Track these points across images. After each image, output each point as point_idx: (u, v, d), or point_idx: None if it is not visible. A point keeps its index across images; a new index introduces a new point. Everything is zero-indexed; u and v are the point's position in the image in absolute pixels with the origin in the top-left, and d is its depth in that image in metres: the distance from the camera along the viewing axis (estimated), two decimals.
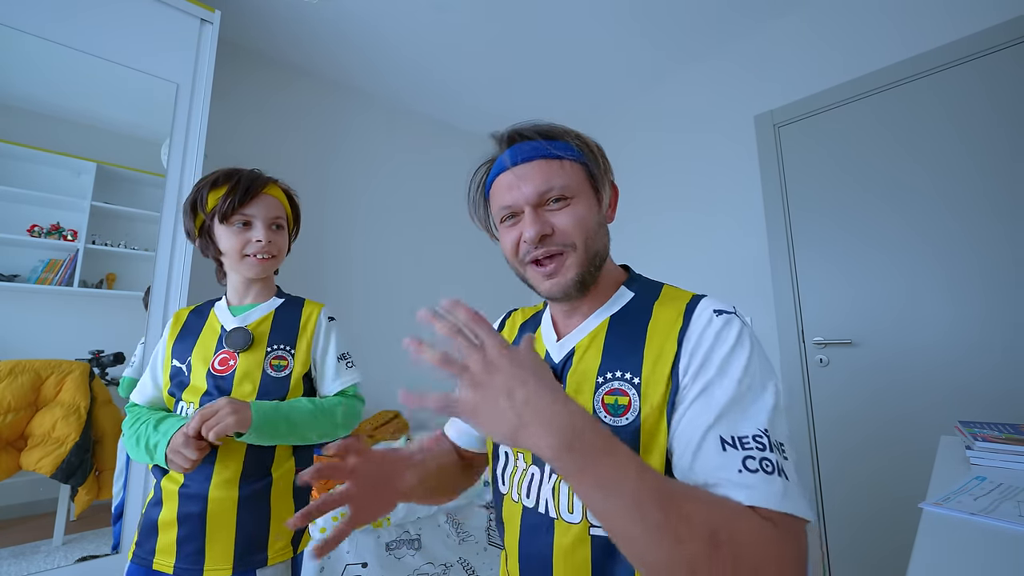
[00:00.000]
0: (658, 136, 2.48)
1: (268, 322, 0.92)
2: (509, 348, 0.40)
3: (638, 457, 0.38)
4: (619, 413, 0.51)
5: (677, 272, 2.30)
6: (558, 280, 0.56)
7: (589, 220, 0.56)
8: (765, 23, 2.06)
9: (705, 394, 0.47)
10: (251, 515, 0.82)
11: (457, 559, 1.69)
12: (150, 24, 1.54)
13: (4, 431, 1.25)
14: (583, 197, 0.57)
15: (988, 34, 1.50)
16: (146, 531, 0.82)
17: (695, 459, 0.44)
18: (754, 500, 0.39)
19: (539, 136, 0.58)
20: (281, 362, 0.89)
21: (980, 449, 0.83)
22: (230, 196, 0.86)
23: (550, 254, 0.56)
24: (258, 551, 0.82)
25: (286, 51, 2.26)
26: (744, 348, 0.48)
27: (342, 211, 2.45)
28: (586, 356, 0.57)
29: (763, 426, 0.44)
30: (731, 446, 0.43)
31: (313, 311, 0.98)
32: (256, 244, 0.88)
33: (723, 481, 0.41)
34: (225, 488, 0.81)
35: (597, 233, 0.57)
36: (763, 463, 0.41)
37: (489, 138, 0.63)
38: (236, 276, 0.93)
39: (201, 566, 0.79)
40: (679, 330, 0.52)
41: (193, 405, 0.84)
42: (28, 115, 1.41)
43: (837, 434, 1.75)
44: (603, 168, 0.60)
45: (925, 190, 1.61)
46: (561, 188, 0.55)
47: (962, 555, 0.51)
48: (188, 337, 0.90)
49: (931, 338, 1.56)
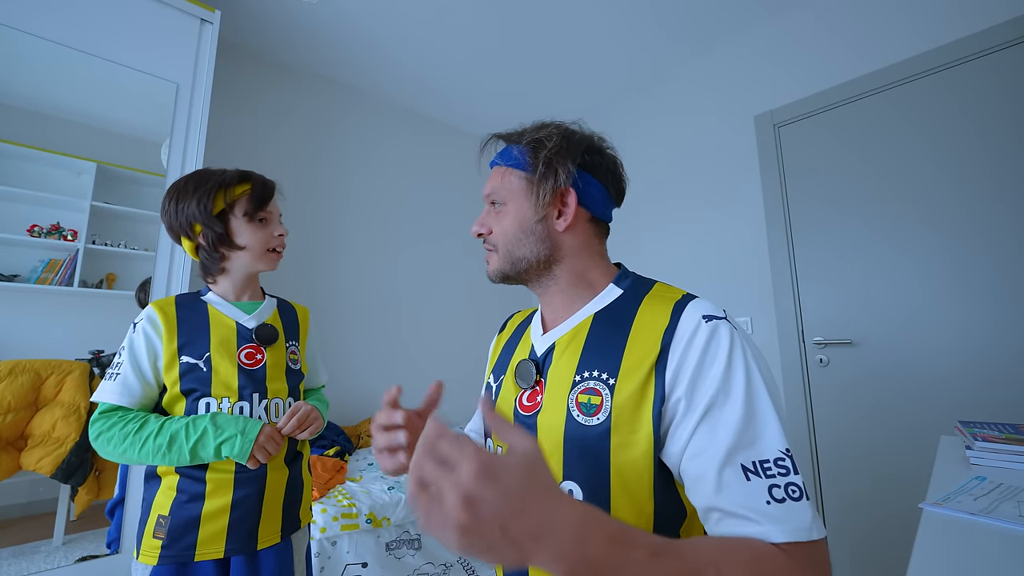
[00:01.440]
0: (658, 136, 2.48)
1: (278, 319, 0.98)
2: (489, 470, 0.32)
3: (655, 539, 0.37)
4: (591, 413, 0.51)
5: (677, 272, 2.30)
6: (488, 269, 0.65)
7: (510, 229, 0.61)
8: (765, 23, 2.06)
9: (711, 417, 0.46)
10: (294, 488, 0.93)
11: (457, 559, 1.69)
12: (150, 24, 1.54)
13: (4, 431, 1.25)
14: (514, 205, 0.61)
15: (989, 33, 1.50)
16: (179, 530, 0.81)
17: (719, 489, 0.44)
18: (786, 535, 0.40)
19: (504, 141, 0.64)
20: (295, 356, 0.98)
21: (980, 449, 0.83)
22: (258, 194, 0.91)
23: (487, 248, 0.65)
24: (295, 518, 0.93)
25: (286, 51, 2.26)
26: (740, 359, 0.48)
27: (339, 210, 2.45)
28: (566, 353, 0.58)
29: (783, 446, 0.44)
30: (754, 474, 0.43)
31: (304, 312, 1.07)
32: (278, 239, 0.95)
33: (752, 514, 0.41)
34: (278, 468, 0.90)
35: (521, 240, 0.60)
36: (789, 489, 0.42)
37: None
38: (241, 272, 0.93)
39: (255, 542, 0.85)
40: (664, 330, 0.51)
41: (228, 399, 0.85)
42: (28, 115, 1.41)
43: (837, 434, 1.75)
44: (551, 177, 0.59)
45: (925, 190, 1.61)
46: (497, 195, 0.62)
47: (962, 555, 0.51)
48: (194, 333, 0.88)
49: (931, 338, 1.56)
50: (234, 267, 0.93)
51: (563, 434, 0.53)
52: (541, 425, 0.56)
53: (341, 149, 2.50)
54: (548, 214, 0.60)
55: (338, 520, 1.50)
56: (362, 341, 2.42)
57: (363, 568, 1.50)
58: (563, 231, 0.60)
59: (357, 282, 2.46)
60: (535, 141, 0.60)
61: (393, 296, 2.59)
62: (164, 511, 0.82)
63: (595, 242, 0.63)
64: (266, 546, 0.86)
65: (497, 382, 0.67)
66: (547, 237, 0.60)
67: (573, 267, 0.61)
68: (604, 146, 0.64)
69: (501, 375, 0.67)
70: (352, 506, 1.57)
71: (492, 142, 0.65)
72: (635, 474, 0.49)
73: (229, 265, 0.92)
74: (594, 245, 0.63)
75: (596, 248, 0.63)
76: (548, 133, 0.61)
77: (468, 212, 2.98)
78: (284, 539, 0.90)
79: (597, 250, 0.63)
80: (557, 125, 0.63)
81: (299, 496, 0.94)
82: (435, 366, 2.70)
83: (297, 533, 0.94)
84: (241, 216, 0.90)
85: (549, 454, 0.54)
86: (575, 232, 0.61)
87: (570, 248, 0.61)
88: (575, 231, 0.61)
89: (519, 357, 0.65)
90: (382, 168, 2.65)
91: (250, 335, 0.92)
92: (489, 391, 0.69)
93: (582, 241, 0.61)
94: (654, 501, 0.49)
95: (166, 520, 0.82)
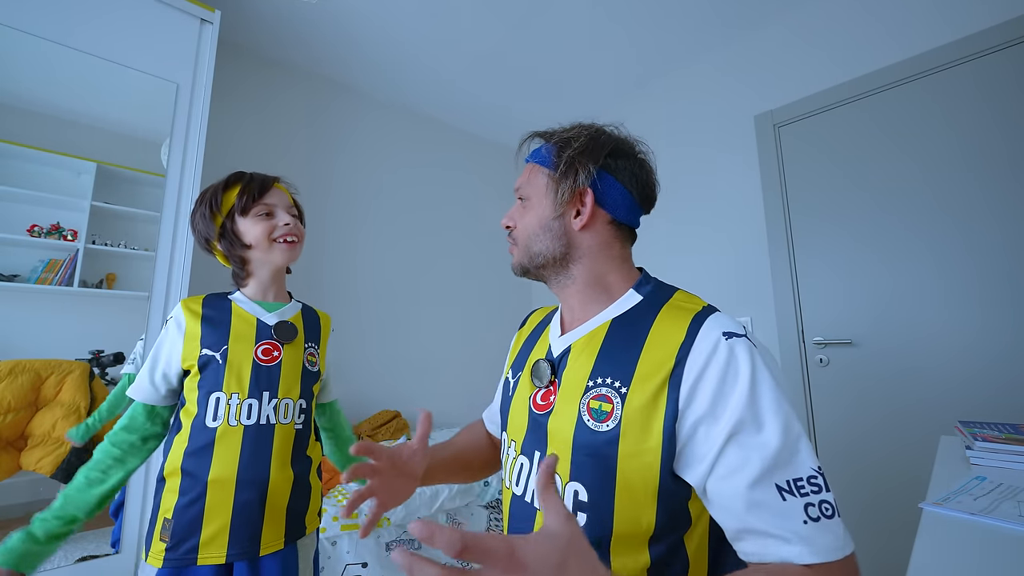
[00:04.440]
0: (658, 136, 2.48)
1: (300, 320, 0.98)
2: (517, 562, 0.30)
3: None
4: (601, 419, 0.52)
5: (676, 272, 2.30)
6: (512, 262, 0.68)
7: (531, 224, 0.63)
8: (765, 23, 2.06)
9: (741, 438, 0.45)
10: (300, 492, 0.90)
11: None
12: (150, 24, 1.54)
13: (4, 431, 1.25)
14: (535, 202, 0.63)
15: (985, 35, 1.51)
16: (182, 532, 0.80)
17: (752, 509, 0.44)
18: (819, 556, 0.41)
19: (539, 139, 0.67)
20: (313, 358, 0.97)
21: (980, 449, 0.83)
22: (247, 189, 0.90)
23: (510, 241, 0.68)
24: (300, 524, 0.90)
25: (286, 51, 2.26)
26: (765, 378, 0.47)
27: (343, 211, 2.45)
28: (581, 357, 0.58)
29: (815, 464, 0.45)
30: (789, 493, 0.43)
31: (326, 320, 1.06)
32: (284, 227, 0.92)
33: (788, 534, 0.42)
34: (283, 469, 0.88)
35: (539, 235, 0.62)
36: (823, 507, 0.43)
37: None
38: (264, 271, 0.94)
39: (258, 546, 0.83)
40: (680, 344, 0.51)
41: (237, 396, 0.85)
42: (28, 115, 1.41)
43: (837, 434, 1.75)
44: (571, 177, 0.60)
45: (925, 190, 1.61)
46: (523, 191, 0.65)
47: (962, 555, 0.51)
48: (215, 328, 0.89)
49: (931, 338, 1.56)
50: (256, 267, 0.94)
51: (572, 438, 0.53)
52: (551, 427, 0.56)
53: (341, 148, 2.50)
54: (566, 212, 0.61)
55: (338, 520, 1.51)
56: (363, 340, 2.41)
57: (363, 568, 1.51)
58: (580, 230, 0.61)
59: (357, 281, 2.46)
60: (563, 140, 0.62)
61: (395, 294, 2.59)
62: (168, 513, 0.82)
63: (615, 244, 0.63)
64: (269, 552, 0.85)
65: (515, 378, 0.68)
66: (564, 235, 0.61)
67: (591, 268, 0.61)
68: (635, 151, 0.64)
69: (519, 372, 0.68)
70: None
71: (529, 140, 0.68)
72: (641, 482, 0.49)
73: (251, 267, 0.94)
74: (614, 248, 0.62)
75: (616, 251, 0.63)
76: (576, 133, 0.62)
77: (468, 212, 2.98)
78: (289, 545, 0.88)
79: (617, 253, 0.63)
80: (589, 126, 0.63)
81: (306, 501, 0.92)
82: (436, 365, 2.70)
83: (304, 539, 0.91)
84: (240, 215, 0.90)
85: (559, 455, 0.54)
86: (593, 232, 0.61)
87: (588, 248, 0.61)
88: (593, 231, 0.61)
89: (536, 356, 0.66)
90: (382, 167, 2.65)
91: (269, 332, 0.91)
92: (507, 387, 0.70)
93: (600, 242, 0.61)
94: (656, 508, 0.49)
95: (170, 523, 0.81)
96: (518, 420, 0.63)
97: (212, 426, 0.83)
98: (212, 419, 0.84)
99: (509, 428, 0.65)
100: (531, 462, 0.58)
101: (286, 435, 0.89)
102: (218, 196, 0.90)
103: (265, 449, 0.86)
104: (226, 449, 0.83)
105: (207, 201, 0.91)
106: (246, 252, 0.92)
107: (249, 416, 0.85)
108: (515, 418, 0.64)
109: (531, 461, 0.58)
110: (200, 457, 0.82)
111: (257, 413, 0.86)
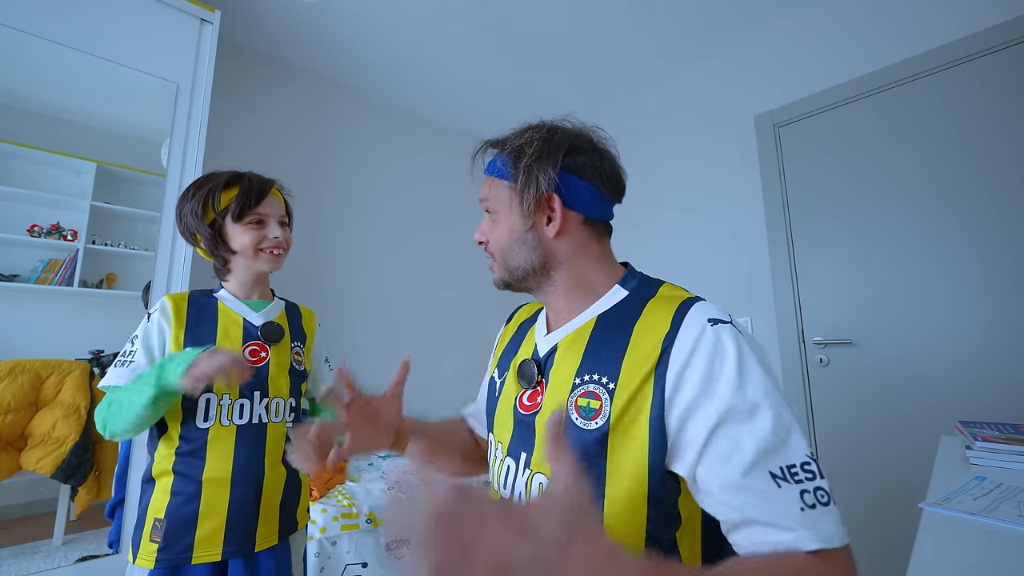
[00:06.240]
0: (658, 136, 2.48)
1: (285, 319, 0.99)
2: (520, 524, 0.27)
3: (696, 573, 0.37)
4: (590, 417, 0.51)
5: (676, 272, 2.30)
6: (493, 278, 0.65)
7: (503, 239, 0.61)
8: (765, 23, 2.06)
9: (731, 426, 0.44)
10: (292, 488, 0.92)
11: None
12: (150, 24, 1.54)
13: (4, 431, 1.25)
14: (503, 216, 0.61)
15: (988, 34, 1.50)
16: (176, 532, 0.80)
17: (746, 497, 0.43)
18: (819, 542, 0.40)
19: (492, 148, 0.64)
20: (299, 357, 0.99)
21: (980, 449, 0.83)
22: (244, 196, 0.90)
23: (488, 256, 0.65)
24: (292, 519, 0.92)
25: (286, 51, 2.26)
26: (753, 364, 0.47)
27: (339, 211, 2.46)
28: (567, 355, 0.57)
29: (807, 451, 0.44)
30: (784, 480, 0.43)
31: (310, 316, 1.07)
32: (273, 240, 0.93)
33: (785, 521, 0.41)
34: (275, 467, 0.90)
35: (514, 250, 0.60)
36: (818, 494, 0.42)
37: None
38: (245, 272, 0.95)
39: (253, 544, 0.84)
40: (664, 334, 0.50)
41: (229, 396, 0.86)
42: (28, 115, 1.41)
43: (837, 434, 1.75)
44: (533, 186, 0.57)
45: (926, 189, 1.61)
46: (487, 205, 0.63)
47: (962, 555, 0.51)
48: (201, 327, 0.89)
49: (931, 338, 1.56)
50: (237, 268, 0.94)
51: None
52: (539, 427, 0.56)
53: (341, 149, 2.50)
54: (537, 222, 0.58)
55: (338, 520, 1.50)
56: (362, 340, 2.41)
57: (363, 568, 1.50)
58: (555, 237, 0.59)
59: (357, 281, 2.46)
60: (516, 149, 0.59)
61: (389, 291, 2.59)
62: (160, 514, 0.82)
63: (593, 244, 0.61)
64: (264, 548, 0.86)
65: (501, 379, 0.67)
66: (539, 245, 0.59)
67: (572, 272, 0.60)
68: (592, 143, 0.61)
69: (504, 372, 0.67)
70: (352, 506, 1.57)
71: (482, 151, 0.65)
72: (632, 478, 0.48)
73: (233, 266, 0.94)
74: (592, 247, 0.61)
75: (595, 250, 0.61)
76: (529, 138, 0.59)
77: (464, 210, 2.98)
78: (282, 541, 0.89)
79: (596, 252, 0.62)
80: (539, 128, 0.60)
81: (297, 497, 0.94)
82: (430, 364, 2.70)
83: (295, 535, 0.93)
84: (232, 220, 0.90)
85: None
86: (568, 237, 0.59)
87: (566, 254, 0.60)
88: (568, 236, 0.59)
89: (522, 356, 0.65)
90: (378, 166, 2.65)
91: (256, 332, 0.92)
92: (493, 387, 0.69)
93: (577, 245, 0.60)
94: (647, 504, 0.48)
95: (162, 523, 0.81)
96: (504, 421, 0.62)
97: (204, 427, 0.84)
98: (203, 420, 0.84)
99: (495, 429, 0.65)
100: (518, 464, 0.57)
101: (278, 434, 0.91)
102: (217, 195, 0.90)
103: (259, 448, 0.87)
104: (220, 449, 0.83)
105: (203, 197, 0.90)
106: (230, 255, 0.92)
107: (241, 416, 0.86)
108: (501, 419, 0.63)
109: (518, 463, 0.57)
110: (193, 457, 0.83)
111: (249, 413, 0.87)
